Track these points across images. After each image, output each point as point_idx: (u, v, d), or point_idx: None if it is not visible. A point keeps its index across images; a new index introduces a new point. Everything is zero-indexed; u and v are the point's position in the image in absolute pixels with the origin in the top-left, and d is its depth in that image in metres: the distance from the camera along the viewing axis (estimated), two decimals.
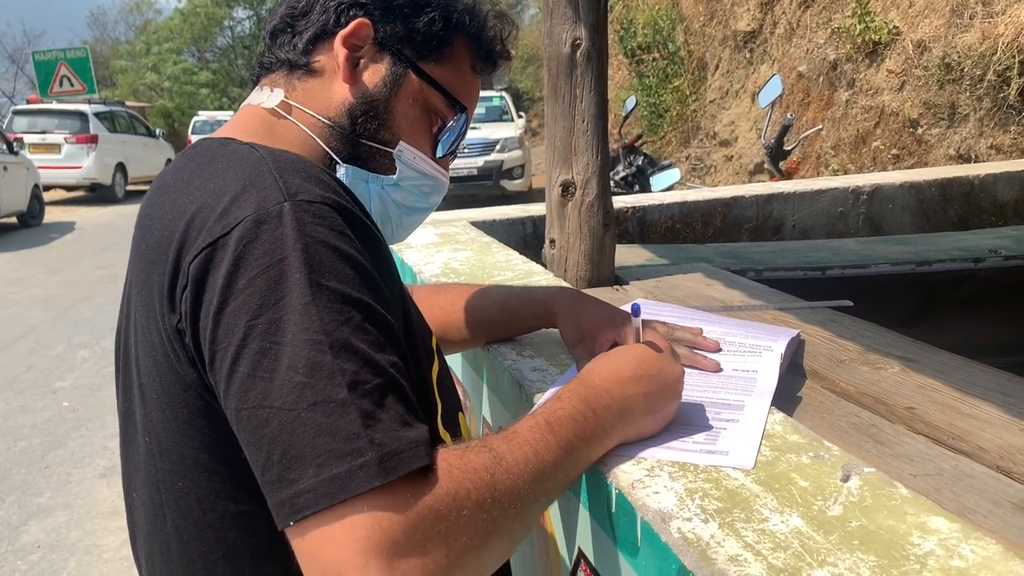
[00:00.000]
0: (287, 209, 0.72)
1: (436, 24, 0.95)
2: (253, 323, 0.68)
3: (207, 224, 0.73)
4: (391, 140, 0.95)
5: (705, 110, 10.35)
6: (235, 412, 0.68)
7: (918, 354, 1.35)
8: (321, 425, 0.64)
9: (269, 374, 0.66)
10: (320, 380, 0.65)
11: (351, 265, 0.72)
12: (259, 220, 0.71)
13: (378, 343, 0.70)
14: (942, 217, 2.99)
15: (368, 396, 0.66)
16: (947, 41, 6.22)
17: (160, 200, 0.84)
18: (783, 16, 8.81)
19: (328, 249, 0.72)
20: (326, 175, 0.80)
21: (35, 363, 5.57)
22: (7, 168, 11.53)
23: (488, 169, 11.82)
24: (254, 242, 0.70)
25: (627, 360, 0.91)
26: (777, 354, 1.15)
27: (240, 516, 0.79)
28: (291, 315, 0.68)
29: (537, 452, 0.75)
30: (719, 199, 2.81)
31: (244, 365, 0.67)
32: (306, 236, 0.71)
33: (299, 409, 0.65)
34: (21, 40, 35.84)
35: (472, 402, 1.50)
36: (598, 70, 1.76)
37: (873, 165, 6.83)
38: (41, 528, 3.43)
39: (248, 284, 0.69)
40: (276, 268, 0.69)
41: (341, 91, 0.93)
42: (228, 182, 0.76)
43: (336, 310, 0.69)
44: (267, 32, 0.98)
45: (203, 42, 31.59)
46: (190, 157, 0.88)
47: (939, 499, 0.88)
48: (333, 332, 0.68)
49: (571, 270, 1.84)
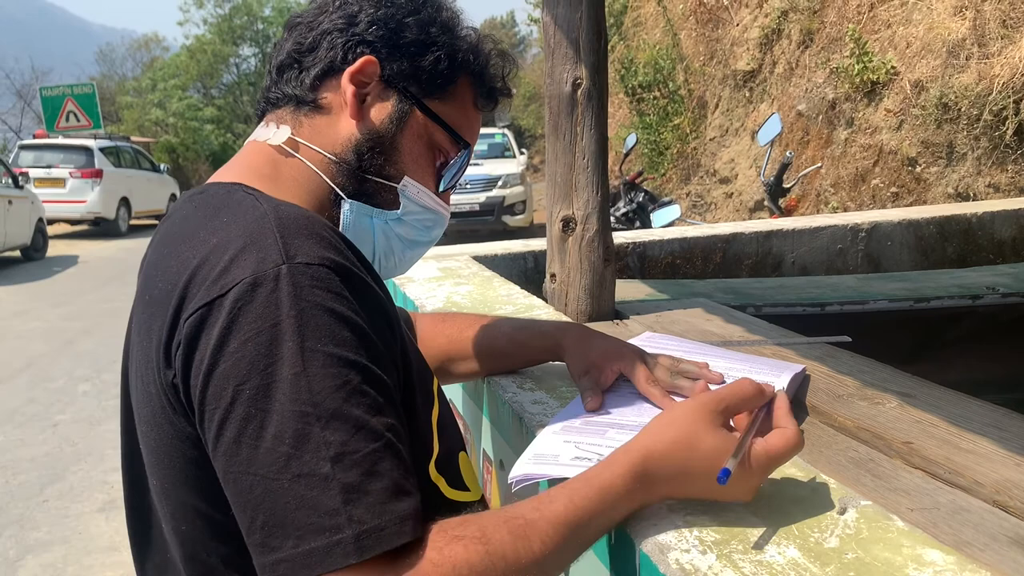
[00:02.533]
0: (284, 272, 0.72)
1: (442, 63, 0.96)
2: (241, 388, 0.69)
3: (206, 282, 0.74)
4: (396, 175, 0.96)
5: (705, 148, 10.43)
6: (222, 473, 0.70)
7: (915, 389, 1.36)
8: (303, 498, 0.65)
9: (255, 441, 0.67)
10: (305, 452, 0.66)
11: (348, 327, 0.72)
12: (256, 283, 0.72)
13: (375, 406, 0.70)
14: (940, 254, 3.01)
15: (355, 467, 0.66)
16: (944, 81, 6.30)
17: (166, 250, 0.85)
18: (782, 56, 8.93)
19: (325, 312, 0.72)
20: (328, 232, 0.80)
21: (35, 396, 5.57)
22: (12, 202, 11.60)
23: (490, 205, 11.89)
24: (249, 305, 0.71)
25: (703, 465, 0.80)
26: (779, 388, 1.16)
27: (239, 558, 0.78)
28: (280, 383, 0.68)
29: (544, 544, 0.72)
30: (719, 235, 2.83)
31: (230, 430, 0.68)
32: (302, 300, 0.71)
33: (283, 479, 0.66)
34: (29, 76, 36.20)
35: (472, 435, 1.51)
36: (598, 109, 1.79)
37: (872, 203, 6.88)
38: (38, 563, 3.41)
39: (239, 348, 0.70)
40: (268, 333, 0.70)
41: (348, 127, 0.94)
42: (230, 238, 0.77)
43: (331, 375, 0.69)
44: (273, 67, 0.98)
45: (209, 79, 31.93)
46: (197, 205, 0.88)
47: (936, 533, 0.89)
48: (323, 402, 0.68)
49: (571, 304, 1.85)
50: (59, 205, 14.66)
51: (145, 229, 16.85)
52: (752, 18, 9.70)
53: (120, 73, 39.26)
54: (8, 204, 11.46)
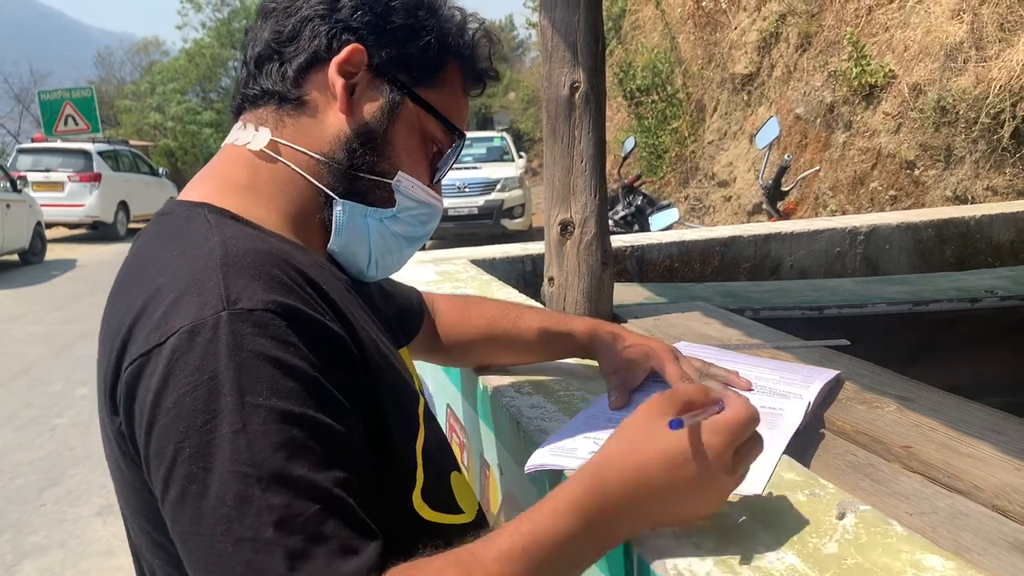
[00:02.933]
0: (224, 319, 0.68)
1: (432, 48, 0.91)
2: (180, 446, 0.65)
3: (146, 329, 0.71)
4: (389, 171, 0.91)
5: (703, 151, 10.44)
6: (170, 528, 0.68)
7: (914, 393, 1.35)
8: (249, 562, 0.62)
9: (198, 502, 0.64)
10: (247, 516, 0.63)
11: (293, 377, 0.68)
12: (194, 331, 0.68)
13: (322, 461, 0.66)
14: (939, 257, 3.01)
15: (300, 531, 0.63)
16: (942, 84, 6.30)
17: (122, 284, 0.82)
18: (780, 59, 8.94)
19: (266, 362, 0.67)
20: (282, 267, 0.75)
21: (33, 400, 5.56)
22: (10, 206, 11.59)
23: (489, 208, 11.89)
24: (186, 356, 0.67)
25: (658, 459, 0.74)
26: (806, 401, 1.17)
27: None
28: (219, 441, 0.65)
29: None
30: (717, 239, 2.83)
31: (174, 489, 0.66)
32: (243, 350, 0.67)
33: (227, 543, 0.63)
34: (27, 80, 36.20)
35: (470, 440, 1.50)
36: (596, 112, 1.79)
37: (870, 206, 6.88)
38: (35, 567, 3.40)
39: (176, 403, 0.66)
40: (205, 387, 0.66)
41: (337, 123, 0.88)
42: (176, 278, 0.73)
43: (272, 431, 0.65)
44: (251, 59, 0.91)
45: (208, 82, 31.94)
46: (157, 231, 0.85)
47: (935, 537, 0.88)
48: (263, 462, 0.64)
49: (569, 308, 1.85)
50: (57, 209, 14.65)
51: None
52: (750, 21, 9.71)
53: (119, 77, 39.27)
54: (6, 208, 11.45)
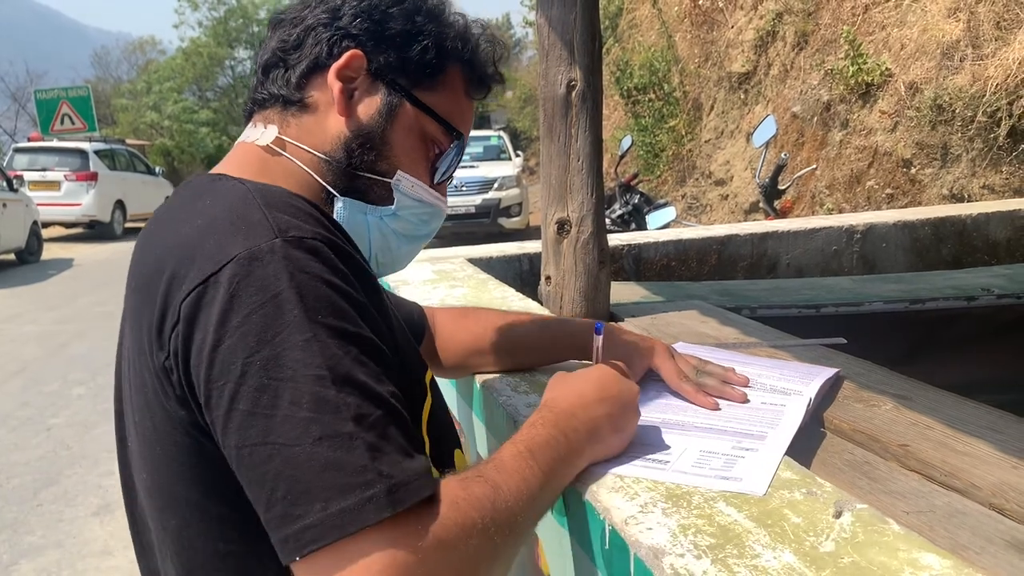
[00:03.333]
0: (279, 246, 0.72)
1: (429, 52, 0.94)
2: (250, 360, 0.67)
3: (196, 261, 0.73)
4: (389, 171, 0.94)
5: (700, 150, 10.45)
6: (235, 450, 0.68)
7: (911, 391, 1.35)
8: (328, 459, 0.64)
9: (270, 411, 0.66)
10: (326, 414, 0.65)
11: (346, 300, 0.73)
12: (252, 257, 0.71)
13: (377, 375, 0.70)
14: (935, 256, 3.01)
15: (373, 428, 0.66)
16: (938, 83, 6.31)
17: (151, 237, 0.85)
18: (777, 58, 8.94)
19: (323, 284, 0.71)
20: (315, 210, 0.80)
21: (29, 400, 5.55)
22: (6, 205, 11.57)
23: (486, 207, 11.89)
24: (247, 279, 0.70)
25: (588, 383, 0.94)
26: (806, 398, 1.17)
27: (229, 556, 0.78)
28: (290, 351, 0.67)
29: (526, 479, 0.77)
30: (714, 237, 2.83)
31: (243, 403, 0.67)
32: (300, 272, 0.71)
33: (304, 444, 0.64)
34: (24, 79, 36.15)
35: (467, 437, 1.50)
36: (592, 111, 1.79)
37: (867, 204, 6.89)
38: (32, 567, 3.39)
39: (243, 321, 0.69)
40: (271, 304, 0.69)
41: (336, 125, 0.92)
42: (217, 218, 0.76)
43: (335, 344, 0.69)
44: (259, 67, 0.97)
45: (204, 81, 31.89)
46: (182, 194, 0.88)
47: (932, 536, 0.88)
48: (335, 366, 0.68)
49: (567, 307, 1.85)
50: (54, 208, 14.62)
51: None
52: (747, 20, 9.71)
53: (115, 76, 39.22)
54: (2, 207, 11.43)
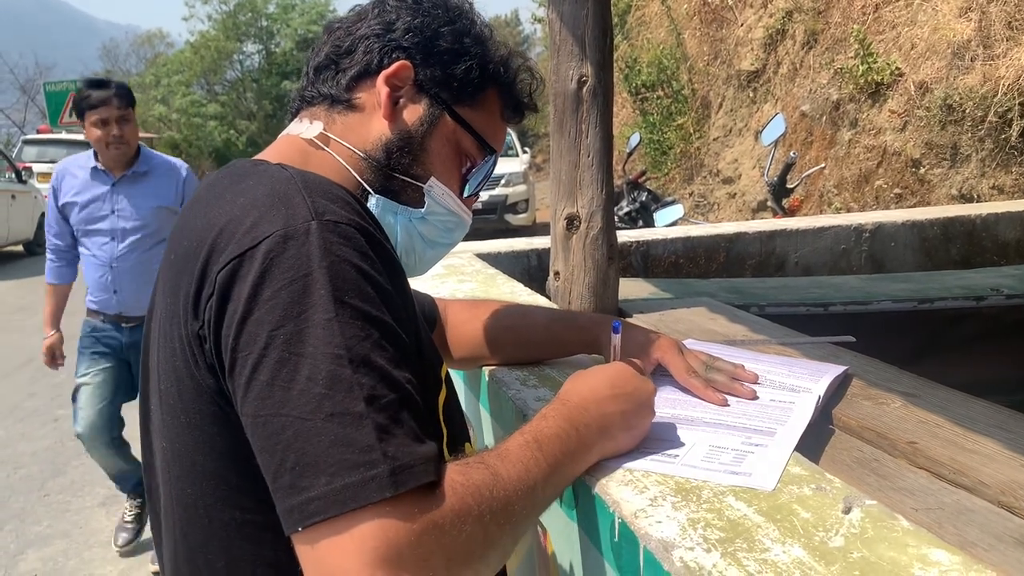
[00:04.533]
0: (314, 227, 0.75)
1: (473, 72, 1.00)
2: (275, 333, 0.70)
3: (235, 236, 0.76)
4: (423, 176, 0.99)
5: (708, 148, 10.42)
6: (251, 418, 0.71)
7: (920, 390, 1.35)
8: (337, 435, 0.66)
9: (288, 383, 0.69)
10: (339, 392, 0.68)
11: (372, 285, 0.75)
12: (287, 236, 0.74)
13: (395, 360, 0.73)
14: (944, 255, 3.00)
15: (384, 410, 0.68)
16: (948, 83, 6.29)
17: (192, 213, 0.87)
18: (786, 56, 8.92)
19: (352, 268, 0.74)
20: (351, 198, 0.83)
21: (37, 391, 5.57)
22: (15, 197, 11.61)
23: (493, 203, 11.88)
24: (281, 256, 0.73)
25: (603, 379, 0.95)
26: (816, 395, 1.17)
27: (246, 525, 0.80)
28: (313, 328, 0.70)
29: (528, 470, 0.78)
30: (722, 235, 2.83)
31: (264, 373, 0.70)
32: (331, 254, 0.74)
33: (316, 419, 0.67)
34: (33, 71, 36.25)
35: (474, 431, 1.51)
36: (603, 106, 1.79)
37: (876, 204, 6.87)
38: (38, 557, 3.41)
39: (273, 296, 0.72)
40: (301, 282, 0.72)
41: (380, 127, 0.97)
42: (258, 197, 0.80)
43: (357, 326, 0.72)
44: (311, 68, 1.03)
45: (212, 75, 31.91)
46: (223, 175, 0.92)
47: (940, 533, 0.88)
48: (353, 347, 0.70)
49: (575, 302, 1.85)
50: None
51: None
52: (756, 18, 9.68)
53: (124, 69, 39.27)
54: (11, 199, 11.47)
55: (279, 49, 31.29)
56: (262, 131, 29.38)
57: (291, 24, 30.15)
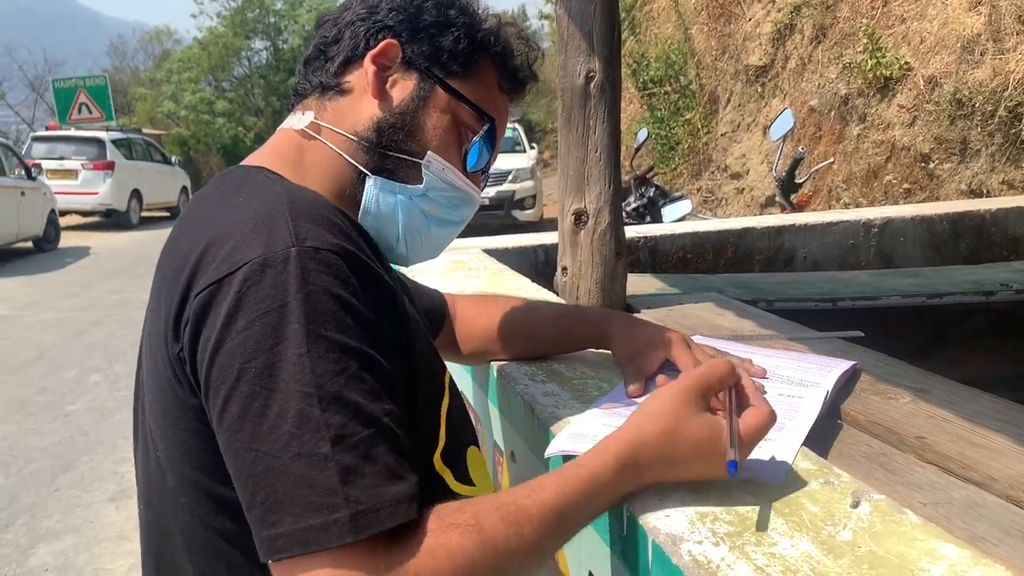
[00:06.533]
0: (294, 255, 0.73)
1: (462, 42, 0.98)
2: (247, 366, 0.70)
3: (216, 260, 0.75)
4: (419, 151, 0.97)
5: (716, 143, 10.40)
6: (225, 447, 0.71)
7: (928, 384, 1.35)
8: (303, 476, 0.66)
9: (259, 418, 0.68)
10: (306, 432, 0.67)
11: (351, 315, 0.74)
12: (265, 263, 0.73)
13: (373, 392, 0.72)
14: (953, 251, 2.99)
15: (353, 450, 0.68)
16: (958, 77, 6.25)
17: (183, 228, 0.87)
18: (795, 51, 8.88)
19: (330, 298, 0.73)
20: (341, 219, 0.82)
21: (47, 386, 5.60)
22: (24, 193, 11.67)
23: (500, 199, 11.88)
24: (257, 285, 0.72)
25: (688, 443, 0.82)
26: (824, 390, 1.17)
27: (240, 534, 0.80)
28: (285, 363, 0.69)
29: (522, 534, 0.73)
30: (730, 230, 2.83)
31: (235, 406, 0.70)
32: (309, 284, 0.72)
33: (284, 457, 0.67)
34: (42, 68, 36.37)
35: (483, 427, 1.51)
36: (611, 102, 1.79)
37: (884, 199, 6.84)
38: (49, 551, 3.44)
39: (247, 327, 0.71)
40: (275, 314, 0.71)
41: (370, 107, 0.96)
42: (243, 217, 0.79)
43: (332, 360, 0.70)
44: (302, 62, 1.03)
45: (220, 71, 31.97)
46: (218, 185, 0.92)
47: (949, 527, 0.88)
48: (325, 384, 0.69)
49: (583, 298, 1.85)
50: (71, 197, 14.73)
51: (156, 221, 16.91)
52: (764, 13, 9.65)
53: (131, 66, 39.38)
54: (21, 195, 11.53)
55: (287, 45, 31.34)
56: (270, 127, 29.35)
57: (299, 20, 30.19)
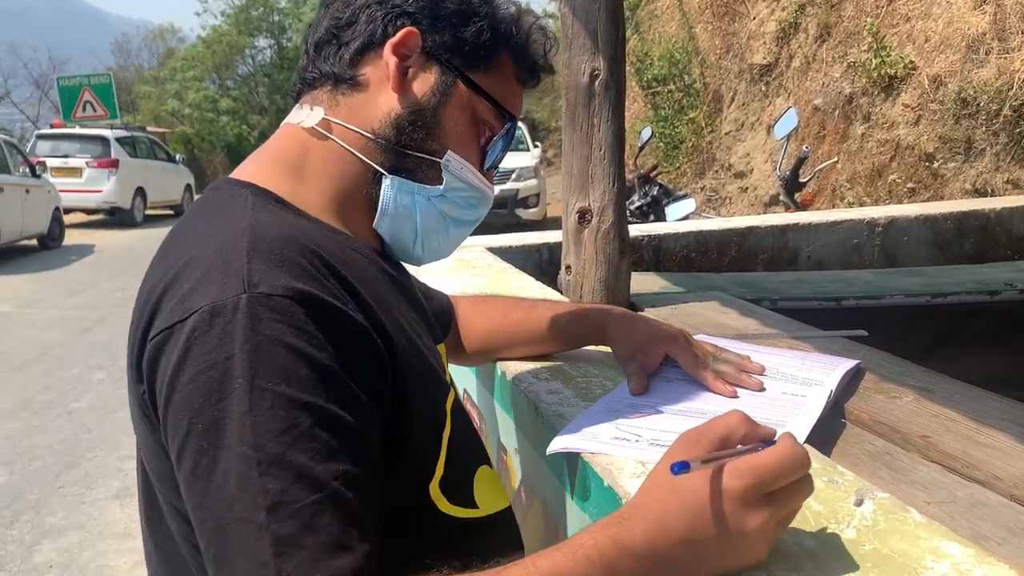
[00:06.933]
0: (243, 302, 0.70)
1: (484, 34, 0.93)
2: (195, 421, 0.68)
3: (172, 303, 0.73)
4: (439, 150, 0.93)
5: (720, 142, 10.38)
6: (183, 496, 0.70)
7: (932, 384, 1.35)
8: (243, 543, 0.64)
9: (207, 475, 0.66)
10: (246, 496, 0.64)
11: (307, 365, 0.69)
12: (214, 311, 0.70)
13: (325, 451, 0.67)
14: (958, 250, 2.98)
15: (292, 519, 0.64)
16: (963, 76, 6.24)
17: (164, 249, 0.84)
18: (799, 50, 8.87)
19: (281, 347, 0.69)
20: (307, 255, 0.76)
21: (51, 384, 5.61)
22: (29, 191, 11.69)
23: (504, 198, 11.87)
24: (205, 335, 0.69)
25: (677, 508, 0.69)
26: (828, 389, 1.17)
27: None
28: (229, 421, 0.67)
29: None
30: (734, 229, 2.82)
31: (187, 460, 0.68)
32: (258, 334, 0.68)
33: (229, 520, 0.65)
34: (46, 66, 36.49)
35: (487, 425, 1.51)
36: (615, 100, 1.79)
37: (889, 198, 6.83)
38: (53, 548, 3.44)
39: (193, 379, 0.68)
40: (221, 367, 0.68)
41: (388, 102, 0.91)
42: (204, 255, 0.76)
43: (277, 418, 0.66)
44: (311, 44, 0.96)
45: (224, 70, 32.01)
46: (202, 205, 0.88)
47: (953, 526, 0.88)
48: (266, 446, 0.65)
49: (586, 296, 1.85)
50: (75, 194, 14.73)
51: (160, 219, 16.93)
52: (769, 12, 9.64)
53: (136, 64, 39.45)
54: (25, 193, 11.55)
55: (291, 43, 31.36)
56: (274, 126, 29.23)
57: (303, 18, 30.20)
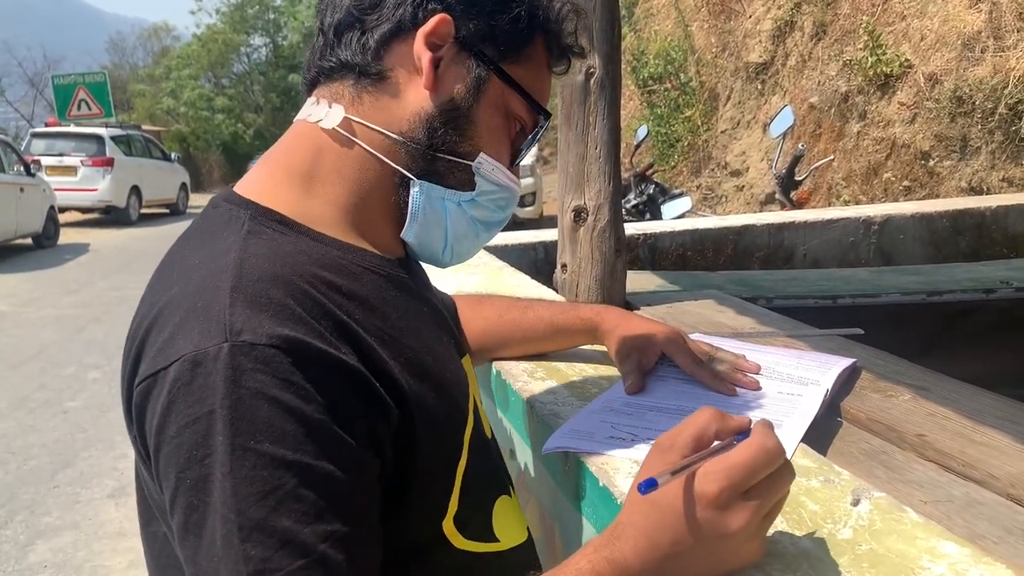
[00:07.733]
0: (224, 353, 0.65)
1: (521, 21, 0.84)
2: (182, 476, 0.65)
3: (156, 345, 0.70)
4: (471, 152, 0.85)
5: (716, 140, 10.39)
6: (176, 543, 0.68)
7: (929, 382, 1.35)
8: None
9: (197, 531, 0.64)
10: (228, 561, 0.62)
11: (293, 419, 0.65)
12: (195, 362, 0.66)
13: (312, 512, 0.64)
14: (953, 248, 2.99)
15: None
16: (959, 74, 6.25)
17: (160, 271, 0.80)
18: (795, 48, 8.87)
19: (264, 402, 0.64)
20: (297, 295, 0.70)
21: (46, 383, 5.60)
22: (24, 189, 11.66)
23: None
24: (188, 387, 0.65)
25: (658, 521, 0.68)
26: (823, 388, 1.17)
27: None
28: (213, 480, 0.64)
29: None
30: (730, 227, 2.82)
31: (178, 513, 0.66)
32: (240, 387, 0.64)
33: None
34: (41, 64, 36.42)
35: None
36: (611, 98, 1.78)
37: (884, 197, 6.84)
38: (48, 548, 3.43)
39: (177, 433, 0.66)
40: (204, 421, 0.64)
41: (418, 100, 0.82)
42: (188, 291, 0.71)
43: (260, 479, 0.63)
44: (329, 27, 0.84)
45: (220, 68, 31.96)
46: (200, 226, 0.82)
47: (950, 525, 0.88)
48: (247, 510, 0.62)
49: (582, 295, 1.85)
50: (70, 193, 14.71)
51: (155, 217, 16.90)
52: (765, 10, 9.64)
53: (131, 62, 39.38)
54: (20, 192, 11.52)
55: (286, 42, 31.33)
56: (269, 124, 29.44)
57: (298, 17, 30.18)
